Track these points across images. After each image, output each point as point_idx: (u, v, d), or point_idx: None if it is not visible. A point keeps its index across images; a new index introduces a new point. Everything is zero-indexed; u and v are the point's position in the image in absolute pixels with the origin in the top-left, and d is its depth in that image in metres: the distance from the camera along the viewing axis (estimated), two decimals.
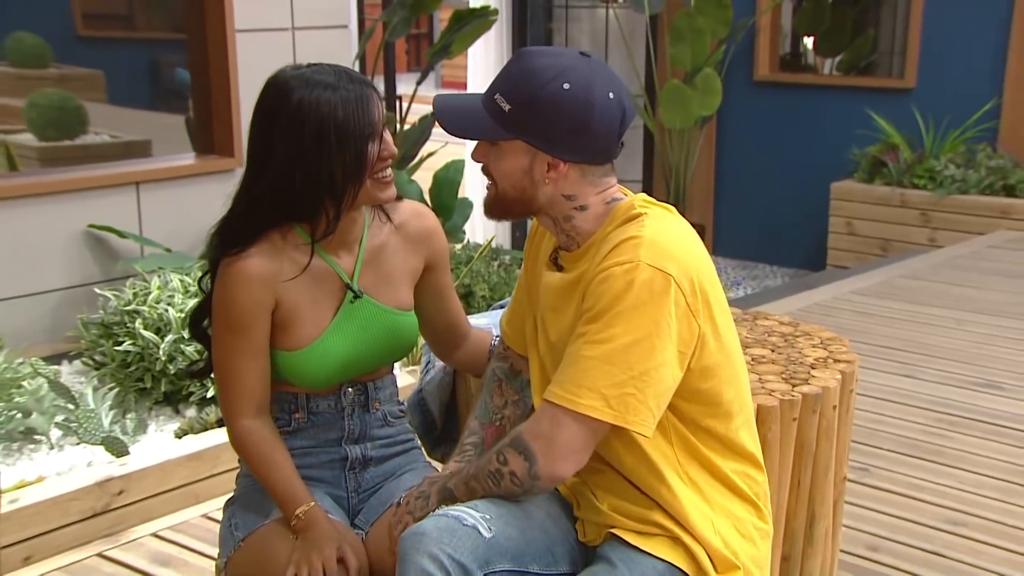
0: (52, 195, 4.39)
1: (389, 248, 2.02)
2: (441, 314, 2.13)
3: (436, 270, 2.10)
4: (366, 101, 1.85)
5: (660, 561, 1.72)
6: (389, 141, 1.90)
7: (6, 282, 4.20)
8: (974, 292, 5.61)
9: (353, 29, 5.68)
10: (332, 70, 1.87)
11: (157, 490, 3.24)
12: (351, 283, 1.96)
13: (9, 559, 2.82)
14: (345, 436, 2.02)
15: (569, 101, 1.68)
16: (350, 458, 2.03)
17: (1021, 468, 3.60)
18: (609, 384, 1.63)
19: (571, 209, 1.77)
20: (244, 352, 1.90)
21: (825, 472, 2.26)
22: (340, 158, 1.83)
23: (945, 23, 7.12)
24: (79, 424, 3.48)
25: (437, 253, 2.09)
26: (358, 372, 2.01)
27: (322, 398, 2.00)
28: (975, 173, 6.88)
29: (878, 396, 4.16)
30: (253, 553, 1.91)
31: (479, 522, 1.70)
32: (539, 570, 1.77)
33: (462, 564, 1.65)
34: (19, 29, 4.94)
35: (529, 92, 1.69)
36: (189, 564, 2.98)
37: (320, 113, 1.82)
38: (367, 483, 2.05)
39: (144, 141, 5.24)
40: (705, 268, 1.72)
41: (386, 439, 2.07)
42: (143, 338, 3.74)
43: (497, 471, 1.72)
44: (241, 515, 1.98)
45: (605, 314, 1.64)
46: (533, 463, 1.68)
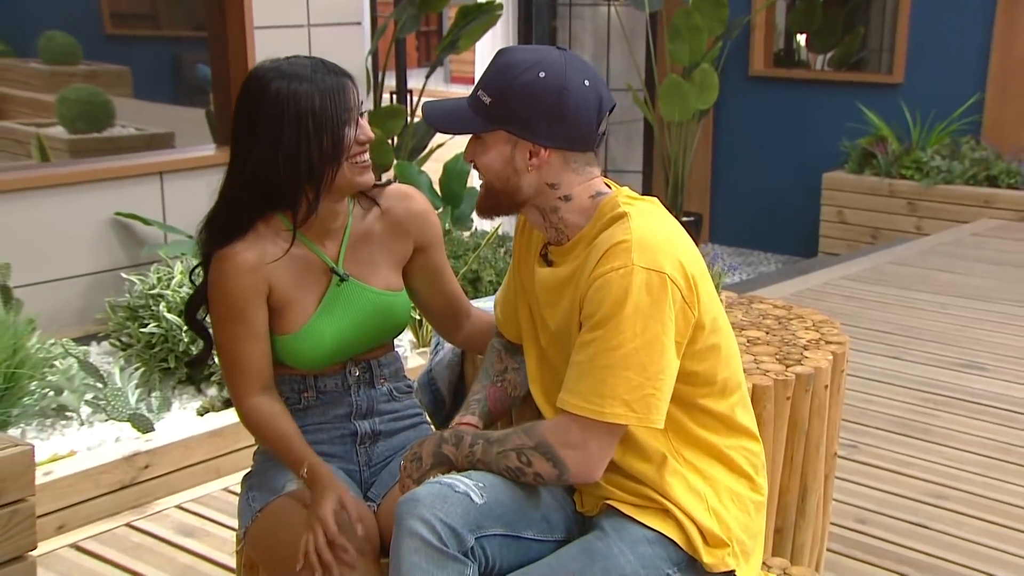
0: (81, 184, 4.39)
1: (375, 233, 2.02)
2: (438, 293, 2.12)
3: (428, 251, 2.08)
4: (341, 89, 1.86)
5: (651, 531, 1.72)
6: (365, 126, 1.90)
7: (39, 267, 4.21)
8: (958, 278, 5.60)
9: (366, 26, 5.65)
10: (308, 61, 1.89)
11: (180, 465, 3.25)
12: (335, 267, 1.96)
13: (44, 528, 2.83)
14: (353, 412, 2.02)
15: (544, 88, 1.68)
16: (359, 433, 2.03)
17: (1002, 444, 3.60)
18: (628, 389, 1.63)
19: (556, 199, 1.75)
20: (245, 337, 1.90)
21: (817, 448, 2.25)
22: (318, 143, 1.84)
23: (931, 21, 7.11)
24: (107, 402, 3.49)
25: (426, 234, 2.07)
26: (355, 352, 2.01)
27: (328, 377, 1.99)
28: (959, 164, 6.88)
29: (867, 376, 4.16)
30: (269, 523, 1.92)
31: (471, 489, 1.71)
32: (533, 536, 1.77)
33: (453, 528, 1.65)
34: (51, 28, 4.95)
35: (507, 82, 1.70)
36: (211, 534, 2.99)
37: (298, 101, 1.83)
38: (377, 456, 2.05)
39: (167, 133, 5.23)
40: (693, 257, 1.72)
41: (393, 414, 2.07)
42: (167, 320, 3.74)
43: (519, 469, 1.71)
44: (257, 489, 1.99)
45: (609, 320, 1.63)
46: (564, 471, 1.68)
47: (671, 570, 1.72)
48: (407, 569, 1.63)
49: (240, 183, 1.88)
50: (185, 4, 5.54)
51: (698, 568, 1.73)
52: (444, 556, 1.63)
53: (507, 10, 6.90)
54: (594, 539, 1.74)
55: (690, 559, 1.73)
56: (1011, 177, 6.77)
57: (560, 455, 1.67)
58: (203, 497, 3.21)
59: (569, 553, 1.73)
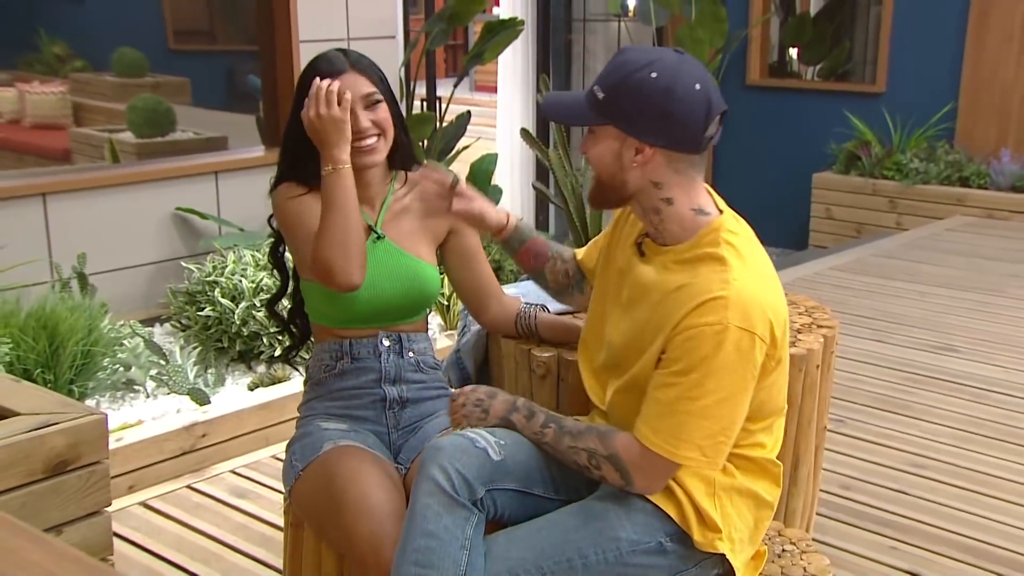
0: (146, 183, 4.41)
1: (413, 210, 2.06)
2: (471, 274, 2.13)
3: (462, 233, 2.10)
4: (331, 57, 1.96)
5: (648, 503, 1.70)
6: (360, 116, 1.95)
7: (109, 256, 4.23)
8: (934, 269, 5.56)
9: (399, 39, 5.65)
10: (336, 54, 1.98)
11: (234, 434, 3.26)
12: (374, 227, 2.01)
13: (117, 487, 2.86)
14: (382, 377, 2.02)
15: (654, 88, 1.63)
16: (388, 398, 2.03)
17: (973, 419, 3.58)
18: (704, 436, 1.62)
19: (659, 200, 1.70)
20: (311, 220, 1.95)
21: (809, 423, 2.24)
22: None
23: (910, 37, 7.07)
24: (169, 377, 3.51)
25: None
26: (386, 313, 2.02)
27: (362, 344, 2.02)
28: (935, 166, 6.84)
29: (853, 358, 4.13)
30: (312, 480, 1.93)
31: (491, 445, 1.71)
32: (541, 494, 1.77)
33: (467, 479, 1.66)
34: (122, 45, 5.00)
35: (620, 79, 1.65)
36: (261, 496, 3.01)
37: (306, 88, 1.93)
38: (405, 421, 2.05)
39: (222, 137, 5.25)
40: (781, 306, 1.68)
41: (419, 383, 2.07)
42: (221, 305, 3.75)
43: (586, 467, 1.71)
44: (299, 451, 2.00)
45: (695, 371, 1.60)
46: (630, 483, 1.68)
47: (663, 539, 1.69)
48: (420, 508, 1.65)
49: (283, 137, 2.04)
50: (239, 21, 5.55)
51: (690, 543, 1.70)
52: (454, 502, 1.65)
53: (527, 25, 6.88)
54: (595, 501, 1.73)
55: (683, 532, 1.70)
56: (981, 178, 6.74)
57: (630, 473, 1.66)
58: (254, 463, 3.22)
59: (570, 511, 1.72)
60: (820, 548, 1.90)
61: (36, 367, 3.15)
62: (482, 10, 5.44)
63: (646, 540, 1.68)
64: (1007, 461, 3.27)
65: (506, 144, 7.32)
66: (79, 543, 2.02)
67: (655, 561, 1.69)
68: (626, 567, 1.67)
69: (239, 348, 3.75)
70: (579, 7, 7.74)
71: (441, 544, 1.62)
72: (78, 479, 2.02)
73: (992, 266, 5.59)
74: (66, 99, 4.90)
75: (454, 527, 1.63)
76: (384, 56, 4.98)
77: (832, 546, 2.73)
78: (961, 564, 2.69)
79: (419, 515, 1.65)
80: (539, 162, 6.54)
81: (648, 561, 1.68)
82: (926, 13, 7.00)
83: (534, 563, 1.65)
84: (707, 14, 6.79)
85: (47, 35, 4.78)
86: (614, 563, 1.66)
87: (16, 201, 3.99)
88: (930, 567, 2.67)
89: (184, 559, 2.69)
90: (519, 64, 7.31)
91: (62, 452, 1.99)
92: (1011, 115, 6.82)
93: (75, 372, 3.25)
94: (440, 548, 1.62)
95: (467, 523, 1.65)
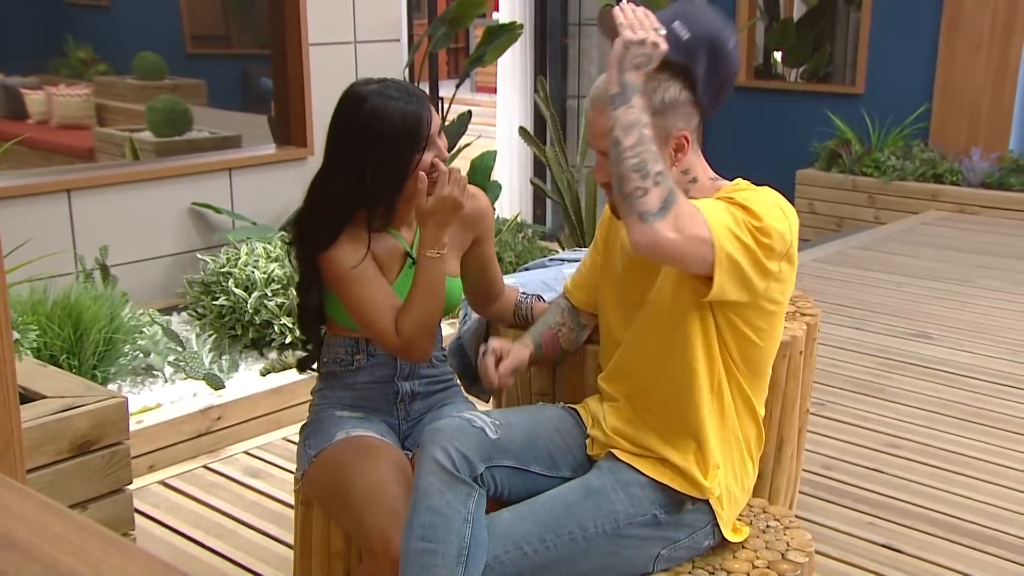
0: (164, 179, 4.40)
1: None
2: (484, 279, 2.10)
3: (483, 243, 2.06)
4: (416, 118, 1.80)
5: (643, 475, 1.71)
6: (440, 146, 1.85)
7: (130, 248, 4.23)
8: (910, 260, 5.56)
9: (404, 42, 5.63)
10: (397, 87, 1.83)
11: (247, 417, 3.26)
12: (410, 251, 1.95)
13: (138, 467, 2.86)
14: (397, 373, 2.00)
15: (733, 58, 1.66)
16: (401, 392, 2.01)
17: (945, 401, 3.59)
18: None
19: (686, 183, 1.71)
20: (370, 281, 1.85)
21: (792, 406, 2.24)
22: (394, 164, 1.81)
23: (888, 42, 7.06)
24: (186, 363, 3.50)
25: (486, 229, 2.05)
26: None
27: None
28: (911, 164, 6.83)
29: (833, 344, 4.14)
30: (324, 467, 1.92)
31: (487, 425, 1.72)
32: (539, 471, 1.77)
33: (467, 457, 1.67)
34: (143, 50, 5.00)
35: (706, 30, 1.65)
36: (273, 476, 3.01)
37: (382, 123, 1.78)
38: (415, 413, 2.04)
39: (235, 136, 5.24)
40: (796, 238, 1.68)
41: (430, 378, 2.06)
42: (234, 295, 3.75)
43: (636, 178, 1.54)
44: (313, 437, 1.98)
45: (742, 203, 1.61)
46: (661, 217, 1.53)
47: (658, 511, 1.69)
48: (424, 486, 1.65)
49: (332, 189, 1.85)
50: (252, 27, 5.54)
51: (684, 513, 1.71)
52: (455, 479, 1.65)
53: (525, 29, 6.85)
54: (592, 477, 1.73)
55: (676, 503, 1.70)
56: (954, 175, 6.73)
57: (680, 218, 1.52)
58: (266, 444, 3.23)
59: (568, 487, 1.72)
60: (802, 524, 1.90)
61: (62, 353, 3.15)
62: (482, 14, 5.43)
63: (641, 513, 1.69)
64: (976, 441, 3.27)
65: (505, 142, 7.30)
66: (103, 519, 2.03)
67: (650, 532, 1.69)
68: (623, 538, 1.67)
69: (252, 336, 3.75)
70: (575, 12, 7.71)
71: (445, 519, 1.62)
72: (101, 458, 2.02)
73: (963, 258, 5.59)
74: (90, 101, 4.90)
75: (456, 502, 1.63)
76: (389, 58, 4.98)
77: (814, 522, 2.74)
78: (933, 538, 2.69)
79: (423, 493, 1.65)
80: (536, 159, 6.53)
81: (643, 532, 1.69)
82: (902, 20, 7.00)
83: (537, 536, 1.65)
84: None
85: (74, 41, 4.78)
86: (612, 535, 1.67)
87: (42, 197, 3.98)
88: (905, 541, 2.67)
89: (201, 534, 2.70)
90: (518, 66, 7.30)
91: (86, 433, 1.99)
92: (981, 116, 6.82)
93: (98, 358, 3.25)
94: (444, 523, 1.62)
95: (469, 498, 1.65)
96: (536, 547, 1.64)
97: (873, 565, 2.56)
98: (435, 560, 1.60)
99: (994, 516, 2.80)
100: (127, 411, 2.08)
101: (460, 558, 1.60)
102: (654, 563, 1.71)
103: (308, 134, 4.72)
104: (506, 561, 1.63)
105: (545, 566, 1.64)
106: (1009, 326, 4.40)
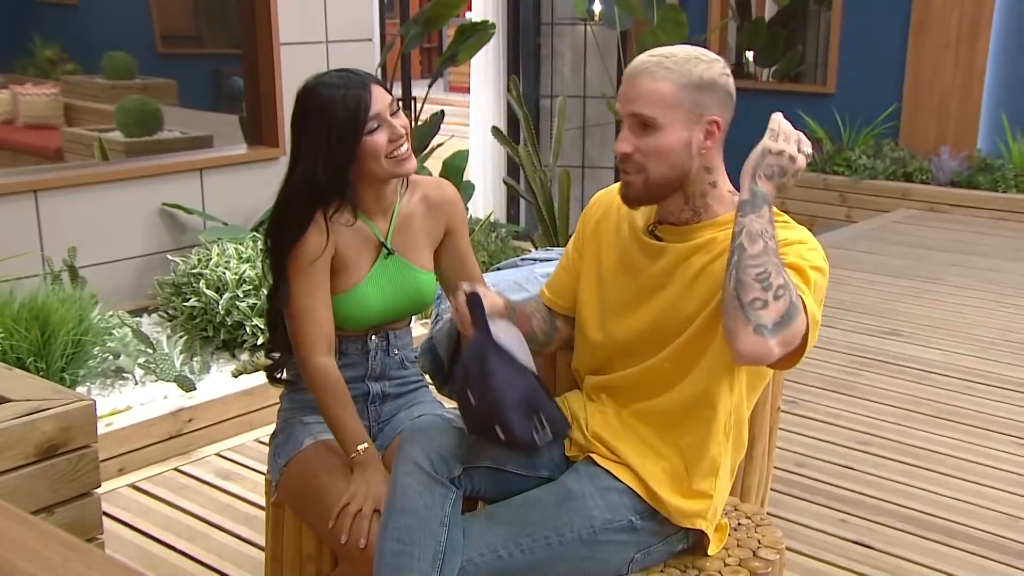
0: (134, 180, 4.36)
1: (417, 216, 1.99)
2: (462, 272, 2.06)
3: (455, 234, 2.04)
4: (356, 100, 1.81)
5: (617, 480, 1.70)
6: (394, 124, 1.85)
7: (100, 250, 4.18)
8: (881, 258, 5.61)
9: (376, 42, 5.60)
10: (339, 76, 1.84)
11: (219, 419, 3.24)
12: (385, 242, 1.94)
13: (107, 470, 2.84)
14: (368, 374, 1.99)
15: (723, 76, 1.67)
16: (371, 393, 2.00)
17: (914, 398, 3.62)
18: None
19: (707, 184, 1.67)
20: (315, 290, 1.85)
21: (763, 404, 2.25)
22: (340, 150, 1.81)
23: (858, 42, 7.14)
24: (156, 365, 3.47)
25: (456, 218, 2.03)
26: (386, 320, 1.98)
27: (352, 342, 1.97)
28: (881, 162, 6.90)
29: None
30: (295, 474, 1.91)
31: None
32: (516, 471, 1.75)
33: (445, 458, 1.66)
34: (112, 49, 4.95)
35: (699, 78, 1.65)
36: (245, 478, 2.99)
37: (325, 114, 1.80)
38: (385, 414, 2.03)
39: (207, 136, 5.20)
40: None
41: (401, 379, 2.05)
42: (206, 296, 3.71)
43: (757, 288, 1.50)
44: (282, 446, 1.97)
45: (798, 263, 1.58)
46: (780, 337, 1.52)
47: (633, 516, 1.69)
48: (401, 487, 1.65)
49: (293, 184, 1.86)
50: (222, 26, 5.50)
51: (660, 519, 1.70)
52: (433, 481, 1.64)
53: (498, 28, 6.85)
54: (570, 481, 1.72)
55: (652, 510, 1.70)
56: (923, 174, 6.81)
57: (790, 332, 1.50)
58: (238, 446, 3.20)
59: (545, 490, 1.71)
60: (774, 522, 1.91)
61: (29, 356, 3.11)
62: (456, 15, 5.42)
63: (618, 519, 1.68)
64: (945, 437, 3.30)
65: (478, 142, 7.30)
66: (70, 523, 2.00)
67: (625, 537, 1.69)
68: (599, 544, 1.67)
69: (223, 337, 3.72)
70: (548, 11, 7.72)
71: (421, 521, 1.61)
72: (68, 462, 2.00)
73: (933, 256, 5.65)
74: (58, 100, 4.85)
75: (433, 504, 1.63)
76: (361, 58, 4.95)
77: (786, 520, 2.75)
78: (903, 533, 2.72)
79: (399, 494, 1.64)
80: (510, 159, 6.53)
81: (618, 538, 1.68)
82: (872, 20, 7.07)
83: (513, 540, 1.64)
84: (668, 19, 6.81)
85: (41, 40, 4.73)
86: (588, 540, 1.66)
87: (9, 197, 3.93)
88: (875, 537, 2.70)
89: (171, 537, 2.67)
90: (491, 66, 7.29)
91: (53, 436, 1.96)
92: (949, 116, 6.90)
93: (66, 361, 3.21)
94: (420, 525, 1.61)
95: (446, 500, 1.64)
96: (511, 551, 1.64)
97: (844, 561, 2.58)
98: (410, 563, 1.59)
99: (963, 511, 2.83)
100: (95, 414, 2.06)
101: (435, 562, 1.59)
102: (628, 566, 1.71)
103: (280, 134, 4.69)
104: (480, 564, 1.62)
105: (520, 569, 1.64)
106: (978, 323, 4.45)
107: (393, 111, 1.86)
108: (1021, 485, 2.98)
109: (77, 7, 5.06)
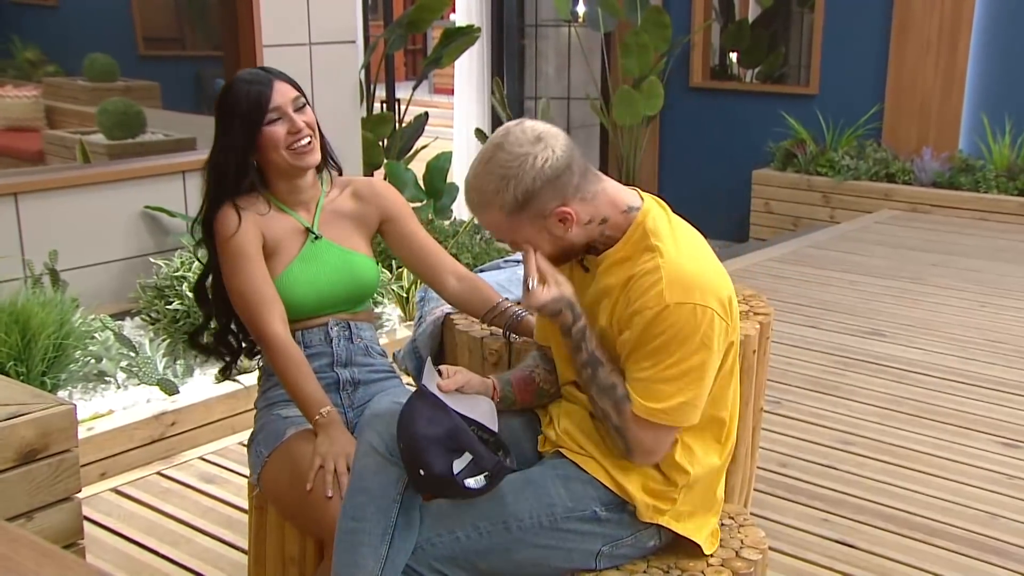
0: (117, 182, 4.34)
1: (346, 208, 2.09)
2: (415, 255, 2.13)
3: (398, 221, 2.11)
4: (257, 96, 1.94)
5: (583, 472, 1.71)
6: (294, 119, 1.96)
7: (81, 252, 4.16)
8: (863, 259, 5.64)
9: (359, 44, 5.59)
10: (253, 73, 1.99)
11: (202, 422, 3.23)
12: (311, 228, 2.04)
13: (89, 474, 2.82)
14: (334, 360, 2.04)
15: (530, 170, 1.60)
16: (341, 380, 2.05)
17: (896, 398, 3.64)
18: (684, 396, 1.63)
19: (598, 227, 1.67)
20: (256, 270, 1.95)
21: (746, 404, 2.26)
22: (242, 140, 1.95)
23: (841, 44, 7.16)
24: (139, 368, 3.45)
25: (392, 206, 2.12)
26: (333, 305, 2.04)
27: (313, 333, 2.03)
28: (864, 163, 6.93)
29: (788, 343, 4.18)
30: (277, 466, 1.93)
31: None
32: None
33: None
34: (94, 51, 4.93)
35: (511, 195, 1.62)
36: (229, 481, 2.98)
37: (230, 108, 1.96)
38: (359, 401, 2.07)
39: (190, 138, 5.18)
40: (715, 275, 1.68)
41: (369, 366, 2.09)
42: (188, 299, 3.70)
43: (602, 420, 1.69)
44: (263, 441, 2.00)
45: (658, 350, 1.61)
46: (631, 454, 1.68)
47: (598, 508, 1.69)
48: (359, 468, 1.69)
49: (206, 169, 2.04)
50: (205, 28, 5.48)
51: (628, 512, 1.70)
52: (387, 462, 1.67)
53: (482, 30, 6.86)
54: (533, 470, 1.74)
55: (618, 502, 1.70)
56: (906, 175, 6.85)
57: (632, 447, 1.66)
58: (221, 450, 3.19)
59: (509, 478, 1.71)
60: (757, 522, 1.92)
61: (9, 360, 3.09)
62: (439, 18, 5.42)
63: (580, 508, 1.68)
64: (926, 436, 3.33)
65: (462, 143, 7.30)
66: (50, 528, 1.99)
67: (589, 528, 1.69)
68: (560, 532, 1.67)
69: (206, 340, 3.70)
70: (531, 13, 7.73)
71: (373, 499, 1.65)
72: (48, 467, 1.99)
73: (915, 256, 5.68)
74: (39, 103, 4.81)
75: (387, 484, 1.65)
76: (344, 60, 4.95)
77: (769, 519, 2.77)
78: (885, 532, 2.73)
79: (356, 475, 1.68)
80: None
81: (582, 528, 1.69)
82: (854, 22, 7.11)
83: (471, 523, 1.66)
84: (652, 20, 6.84)
85: (20, 41, 4.69)
86: (548, 527, 1.67)
87: None
88: (857, 536, 2.71)
89: (154, 542, 2.66)
90: (475, 68, 7.29)
91: (32, 441, 1.95)
92: (931, 117, 6.95)
93: (47, 365, 3.19)
94: (372, 503, 1.64)
95: (399, 480, 1.66)
96: (469, 533, 1.65)
97: (826, 561, 2.59)
98: (361, 539, 1.63)
99: (943, 510, 2.85)
100: (75, 418, 2.04)
101: (385, 536, 1.63)
102: (595, 559, 1.71)
103: None
104: (438, 544, 1.65)
105: (478, 552, 1.65)
106: (958, 323, 4.48)
107: (298, 107, 1.98)
108: (1000, 483, 3.00)
109: (57, 8, 5.03)
